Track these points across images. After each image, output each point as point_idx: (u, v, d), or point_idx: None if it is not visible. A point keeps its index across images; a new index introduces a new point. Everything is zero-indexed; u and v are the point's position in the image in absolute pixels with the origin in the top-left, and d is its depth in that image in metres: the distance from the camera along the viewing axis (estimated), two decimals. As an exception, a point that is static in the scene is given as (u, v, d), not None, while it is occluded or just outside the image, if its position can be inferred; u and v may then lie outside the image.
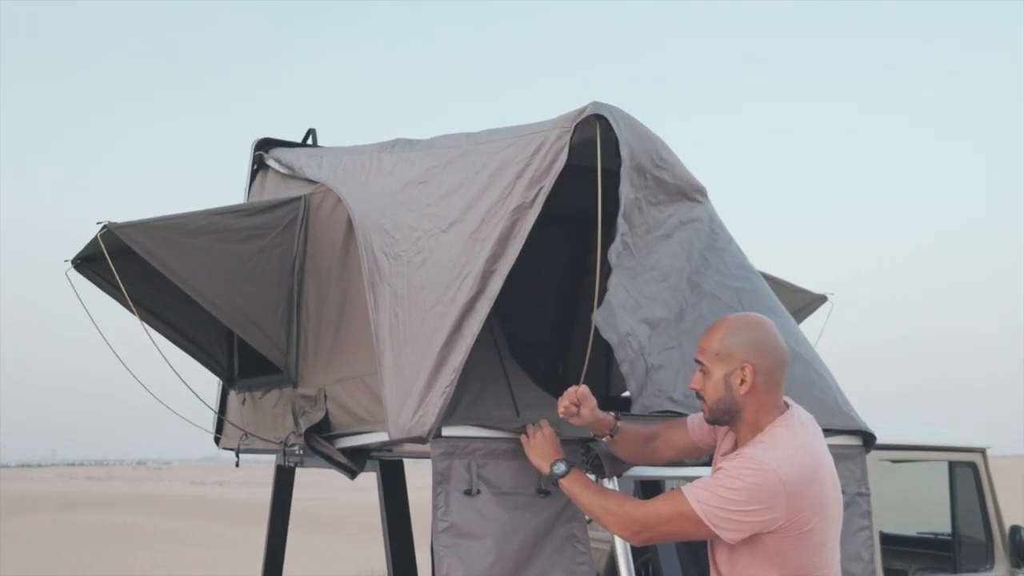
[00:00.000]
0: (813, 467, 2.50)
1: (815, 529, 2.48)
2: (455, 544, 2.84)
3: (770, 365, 2.57)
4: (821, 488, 2.50)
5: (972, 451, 5.10)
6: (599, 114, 2.93)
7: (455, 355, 2.89)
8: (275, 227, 3.82)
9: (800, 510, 2.44)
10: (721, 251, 3.67)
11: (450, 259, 3.07)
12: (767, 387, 2.57)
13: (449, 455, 2.89)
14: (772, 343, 2.61)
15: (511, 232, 2.92)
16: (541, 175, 2.92)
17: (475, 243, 3.00)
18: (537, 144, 2.97)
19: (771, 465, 2.43)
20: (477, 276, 2.91)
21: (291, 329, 3.84)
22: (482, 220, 3.01)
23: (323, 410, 3.61)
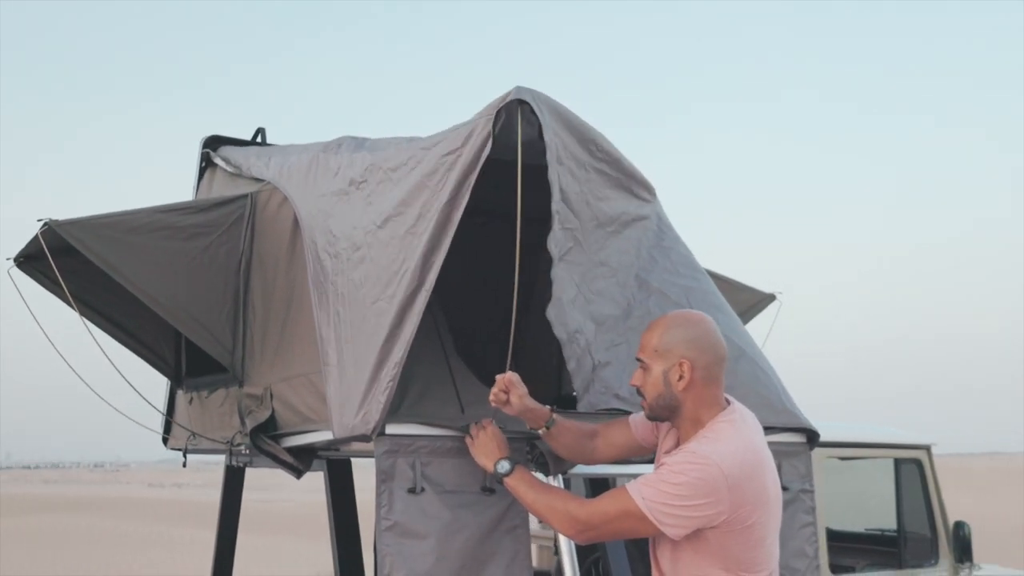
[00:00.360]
0: (755, 462, 2.53)
1: (756, 524, 2.50)
2: (398, 543, 2.83)
3: (708, 361, 2.59)
4: (763, 483, 2.52)
5: (917, 448, 5.17)
6: (522, 99, 2.90)
7: (396, 351, 2.87)
8: (221, 225, 3.78)
9: (742, 504, 2.46)
10: (668, 249, 3.70)
11: (388, 255, 3.05)
12: (706, 383, 2.59)
13: (393, 453, 2.88)
14: (710, 339, 2.63)
15: (445, 225, 2.90)
16: (471, 165, 2.89)
17: (412, 237, 2.98)
18: (466, 134, 2.95)
19: (714, 459, 2.45)
20: (415, 270, 2.90)
21: (237, 328, 3.81)
22: (419, 215, 2.99)
23: (269, 409, 3.59)
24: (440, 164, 3.00)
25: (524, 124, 2.89)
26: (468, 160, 2.90)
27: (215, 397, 4.04)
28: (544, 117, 2.97)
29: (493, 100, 2.94)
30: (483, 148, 2.88)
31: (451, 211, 2.91)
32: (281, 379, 3.56)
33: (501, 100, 2.90)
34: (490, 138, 2.86)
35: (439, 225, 2.91)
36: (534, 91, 2.97)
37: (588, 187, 3.27)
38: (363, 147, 3.62)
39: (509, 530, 2.99)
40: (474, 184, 2.93)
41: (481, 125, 2.90)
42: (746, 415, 2.65)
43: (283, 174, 3.83)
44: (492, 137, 2.85)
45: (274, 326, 3.68)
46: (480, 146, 2.88)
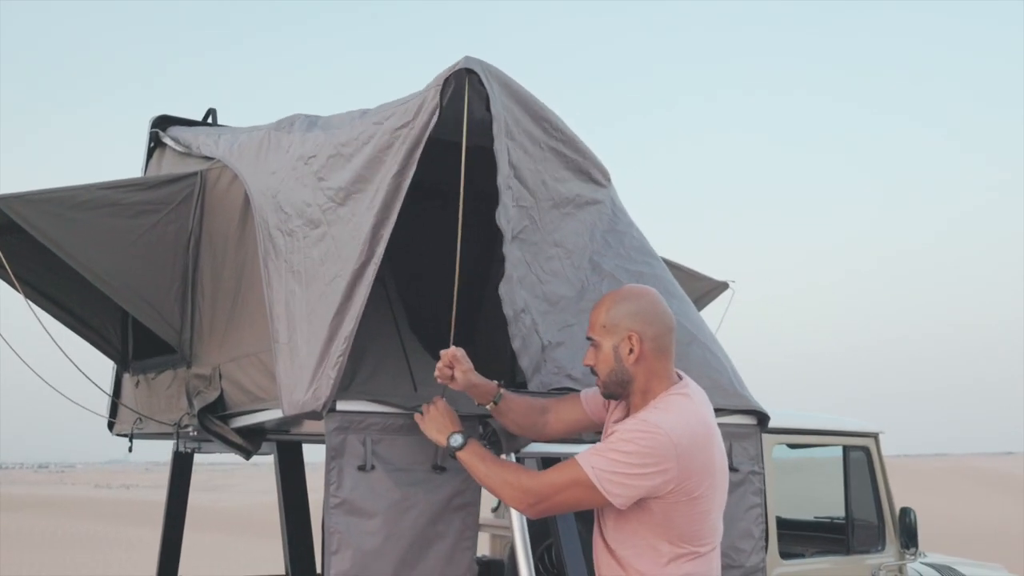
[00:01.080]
0: (705, 435, 2.54)
1: (702, 497, 2.51)
2: (346, 520, 2.79)
3: (657, 332, 2.60)
4: (711, 456, 2.53)
5: (865, 436, 5.23)
6: (470, 68, 2.87)
7: (346, 324, 2.83)
8: (169, 202, 3.71)
9: (690, 475, 2.47)
10: (622, 234, 3.71)
11: (349, 232, 3.02)
12: (656, 354, 2.60)
13: (343, 430, 2.84)
14: (656, 310, 2.64)
15: (393, 196, 2.87)
16: (418, 138, 2.86)
17: (369, 212, 2.95)
18: (417, 106, 2.92)
19: (664, 428, 2.45)
20: (364, 243, 2.87)
21: (186, 307, 3.75)
22: (375, 190, 2.96)
23: (218, 389, 3.53)
24: (394, 138, 2.96)
25: (472, 94, 2.85)
26: (416, 132, 2.87)
27: (162, 379, 3.97)
28: (492, 88, 2.94)
29: (442, 70, 2.91)
30: (430, 120, 2.84)
31: (399, 183, 2.88)
32: (230, 359, 3.51)
33: (449, 70, 2.87)
34: (438, 109, 2.82)
35: (387, 197, 2.88)
36: (484, 63, 2.94)
37: (543, 166, 3.26)
38: (316, 125, 3.57)
39: (459, 508, 2.97)
40: (433, 165, 2.91)
41: (430, 96, 2.86)
42: (697, 390, 2.66)
43: (233, 152, 3.77)
44: (440, 108, 2.82)
45: (223, 305, 3.62)
46: (427, 119, 2.85)
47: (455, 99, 2.85)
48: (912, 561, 5.24)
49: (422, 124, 2.86)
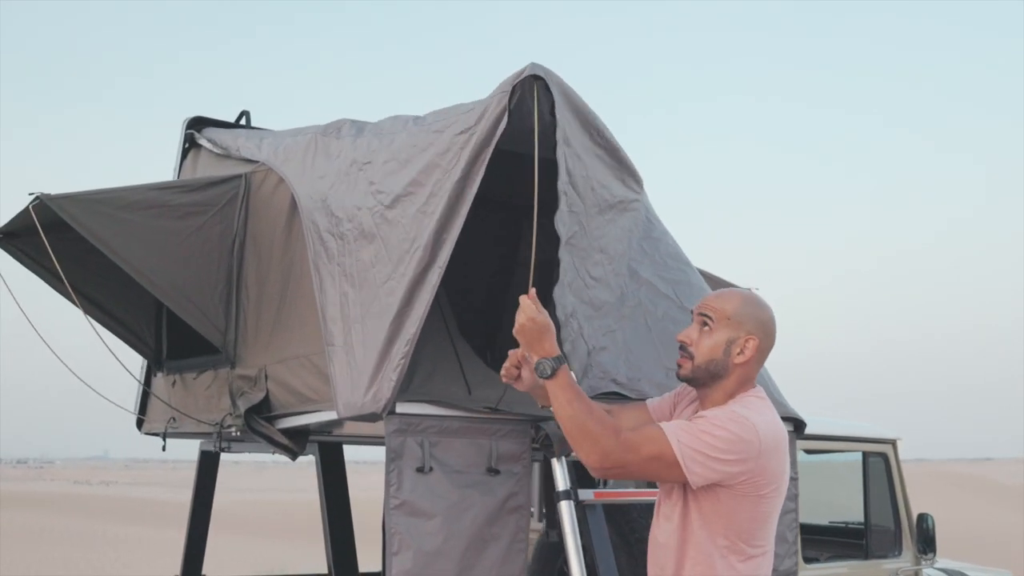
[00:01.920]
0: (781, 439, 2.61)
1: (766, 497, 2.57)
2: (407, 521, 2.84)
3: (768, 346, 2.69)
4: (782, 461, 2.60)
5: (884, 442, 5.31)
6: (536, 75, 2.95)
7: (408, 327, 2.89)
8: (215, 204, 3.75)
9: (763, 473, 2.53)
10: (657, 241, 3.76)
11: (399, 234, 3.07)
12: (757, 364, 2.68)
13: (403, 432, 2.89)
14: (774, 327, 2.72)
15: (457, 202, 2.93)
16: (484, 141, 2.92)
17: (423, 217, 3.00)
18: (480, 112, 2.98)
19: (752, 422, 2.52)
20: (427, 247, 2.92)
21: (230, 308, 3.78)
22: (430, 195, 3.01)
23: (263, 390, 3.56)
24: (453, 143, 3.02)
25: (538, 102, 2.92)
26: (482, 136, 2.93)
27: (203, 379, 3.99)
28: (556, 94, 3.02)
29: (507, 77, 2.98)
30: (498, 123, 2.91)
31: (463, 188, 2.94)
32: (277, 360, 3.54)
33: (516, 76, 2.94)
34: (506, 113, 2.89)
35: (451, 202, 2.94)
36: (546, 69, 3.01)
37: (591, 172, 3.32)
38: (364, 132, 3.62)
39: (513, 510, 3.02)
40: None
41: (496, 101, 2.93)
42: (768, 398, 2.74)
43: (278, 155, 3.81)
44: (508, 112, 2.89)
45: (269, 307, 3.66)
46: (495, 121, 2.91)
47: (517, 106, 2.91)
48: (928, 566, 5.32)
49: (486, 129, 2.92)
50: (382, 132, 3.57)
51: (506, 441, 3.04)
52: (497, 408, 3.04)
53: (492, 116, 2.92)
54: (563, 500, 3.07)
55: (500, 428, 3.04)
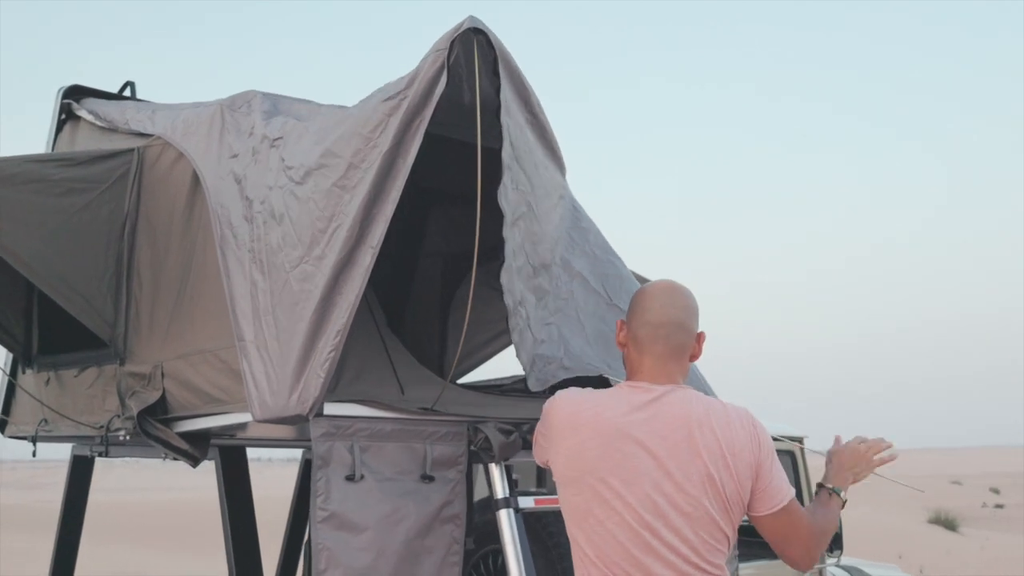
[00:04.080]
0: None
1: None
2: (335, 536, 2.55)
3: (635, 327, 2.55)
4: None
5: (792, 440, 5.29)
6: (477, 27, 2.63)
7: (336, 317, 2.58)
8: (103, 181, 3.34)
9: None
10: (585, 231, 3.57)
11: (310, 212, 2.73)
12: (633, 347, 2.56)
13: (331, 436, 2.60)
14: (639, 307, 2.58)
15: (388, 174, 2.62)
16: (419, 105, 2.61)
17: (343, 191, 2.67)
18: (411, 77, 2.67)
19: None
20: (353, 225, 2.60)
21: (119, 298, 3.37)
22: (348, 166, 2.68)
23: (159, 389, 3.19)
24: (376, 111, 2.69)
25: (479, 61, 2.61)
26: (416, 100, 2.61)
27: (84, 377, 3.57)
28: (501, 50, 2.71)
29: (441, 36, 2.65)
30: (435, 84, 2.59)
31: (395, 159, 2.62)
32: (176, 355, 3.17)
33: (453, 31, 2.61)
34: (444, 70, 2.57)
35: (380, 176, 2.62)
36: (485, 24, 2.68)
37: (532, 149, 3.07)
38: (278, 107, 3.27)
39: (448, 519, 2.76)
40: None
41: (431, 60, 2.61)
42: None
43: (176, 129, 3.43)
44: (447, 68, 2.57)
45: (166, 297, 3.28)
46: (430, 82, 2.59)
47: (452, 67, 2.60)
48: (832, 564, 5.33)
49: (421, 91, 2.60)
50: (296, 108, 3.25)
51: (441, 445, 2.78)
52: (433, 408, 2.77)
53: (427, 77, 2.60)
54: (502, 508, 2.84)
55: (436, 431, 2.78)
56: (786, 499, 2.39)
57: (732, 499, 2.35)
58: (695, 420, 2.38)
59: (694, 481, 2.33)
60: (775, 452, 2.44)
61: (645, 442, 2.35)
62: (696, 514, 2.32)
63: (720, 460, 2.35)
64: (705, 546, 2.33)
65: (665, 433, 2.37)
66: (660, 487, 2.33)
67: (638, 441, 2.36)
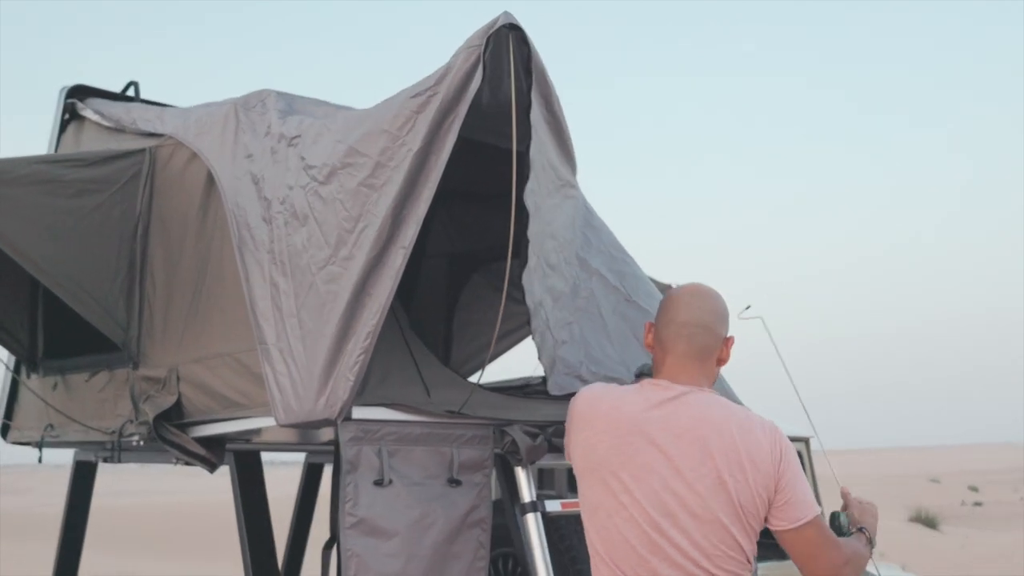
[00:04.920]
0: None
1: None
2: (364, 541, 2.51)
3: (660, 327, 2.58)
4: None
5: (796, 440, 5.26)
6: (513, 24, 2.58)
7: (365, 319, 2.53)
8: (114, 182, 3.28)
9: None
10: (598, 230, 3.56)
11: (337, 212, 2.68)
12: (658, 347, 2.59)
13: (359, 440, 2.55)
14: (664, 311, 2.61)
15: (420, 172, 2.57)
16: (452, 101, 2.56)
17: (371, 191, 2.62)
18: (442, 72, 2.62)
19: None
20: (382, 226, 2.55)
21: (132, 300, 3.31)
22: (376, 165, 2.63)
23: (175, 394, 3.14)
24: (404, 108, 2.63)
25: (514, 58, 2.58)
26: (448, 96, 2.56)
27: (96, 381, 3.51)
28: (534, 48, 2.68)
29: (475, 32, 2.61)
30: (469, 80, 2.54)
31: (427, 158, 2.57)
32: (192, 359, 3.12)
33: (489, 26, 2.57)
34: (480, 65, 2.53)
35: (411, 175, 2.57)
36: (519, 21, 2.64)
37: (544, 147, 3.04)
38: (294, 106, 3.22)
39: (475, 524, 2.73)
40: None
41: (464, 56, 2.57)
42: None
43: (189, 128, 3.37)
44: (483, 63, 2.53)
45: (181, 299, 3.22)
46: (464, 78, 2.55)
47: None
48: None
49: (454, 88, 2.55)
50: (311, 108, 3.20)
51: (468, 448, 2.74)
52: (460, 412, 2.73)
53: (460, 73, 2.55)
54: (529, 512, 2.80)
55: (463, 434, 2.74)
56: (810, 515, 2.36)
57: (747, 508, 2.32)
58: (713, 423, 2.37)
59: (705, 483, 2.31)
60: (801, 468, 2.41)
61: (657, 439, 2.35)
62: (706, 516, 2.31)
63: (736, 466, 2.32)
64: (716, 551, 2.31)
65: (679, 432, 2.36)
66: (669, 485, 2.33)
67: (651, 437, 2.36)
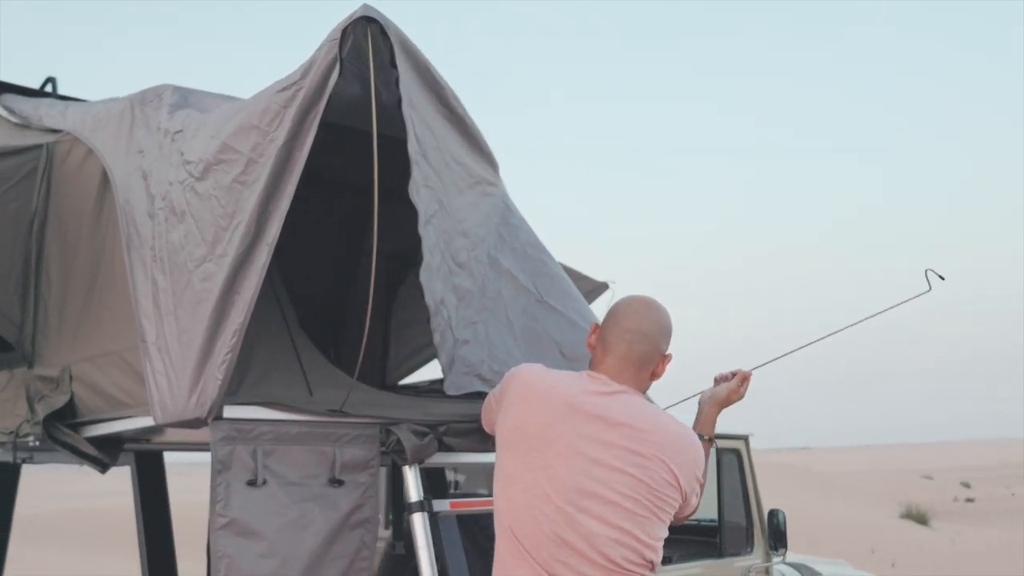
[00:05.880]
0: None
1: None
2: (235, 543, 2.46)
3: (605, 329, 2.68)
4: None
5: (736, 438, 5.24)
6: (370, 16, 2.55)
7: (233, 316, 2.49)
8: (9, 178, 3.22)
9: None
10: (516, 228, 3.52)
11: (212, 209, 2.64)
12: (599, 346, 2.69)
13: (231, 440, 2.51)
14: (610, 315, 2.70)
15: (285, 168, 2.53)
16: (313, 97, 2.52)
17: (243, 187, 2.58)
18: (306, 66, 2.58)
19: None
20: (250, 222, 2.51)
21: (27, 299, 3.26)
22: (248, 162, 2.59)
23: (67, 393, 3.08)
24: (272, 102, 2.59)
25: (374, 50, 2.54)
26: (310, 91, 2.51)
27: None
28: (396, 46, 2.63)
29: (335, 26, 2.56)
30: (329, 75, 2.50)
31: (291, 152, 2.53)
32: (84, 358, 3.07)
33: (347, 20, 2.52)
34: (337, 61, 2.49)
35: (276, 170, 2.52)
36: (381, 12, 2.60)
37: (443, 144, 2.99)
38: (188, 103, 3.17)
39: (357, 524, 2.68)
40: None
41: (325, 50, 2.52)
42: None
43: (87, 124, 3.31)
44: (340, 60, 2.49)
45: (75, 297, 3.17)
46: (324, 72, 2.50)
47: (351, 59, 2.53)
48: (779, 562, 5.28)
49: (315, 83, 2.51)
50: (205, 102, 3.15)
51: (352, 448, 2.69)
52: (342, 410, 2.69)
53: (322, 67, 2.51)
54: (416, 512, 2.76)
55: (346, 433, 2.70)
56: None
57: (664, 502, 2.47)
58: (645, 421, 2.50)
59: (628, 474, 2.42)
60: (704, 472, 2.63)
61: (589, 425, 2.46)
62: (623, 505, 2.41)
63: (660, 464, 2.46)
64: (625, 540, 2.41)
65: (612, 423, 2.47)
66: (591, 471, 2.42)
67: (584, 422, 2.47)
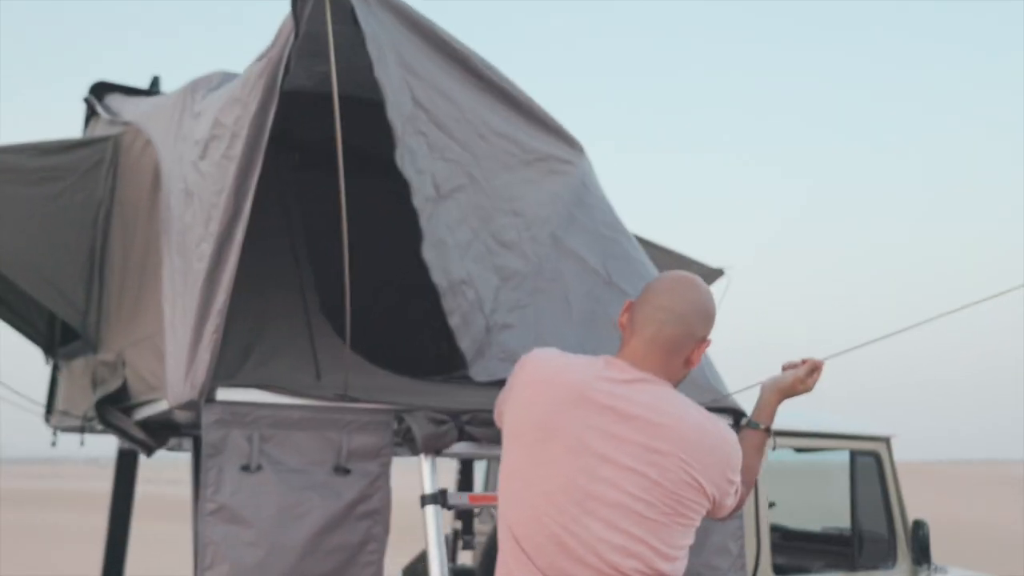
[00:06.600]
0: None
1: None
2: (223, 529, 2.38)
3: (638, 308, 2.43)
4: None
5: (876, 440, 4.72)
6: None
7: (218, 296, 2.43)
8: (76, 169, 3.33)
9: None
10: (591, 208, 3.30)
11: (208, 187, 2.60)
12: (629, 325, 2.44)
13: (225, 424, 2.44)
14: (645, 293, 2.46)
15: (256, 138, 2.43)
16: (276, 63, 2.42)
17: (229, 162, 2.52)
18: (276, 35, 2.50)
19: None
20: (228, 198, 2.43)
21: (92, 287, 3.36)
22: (232, 135, 2.53)
23: (121, 378, 3.14)
24: (250, 72, 2.54)
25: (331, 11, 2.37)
26: (274, 58, 2.43)
27: (76, 366, 3.61)
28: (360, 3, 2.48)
29: None
30: (287, 41, 2.40)
31: (262, 122, 2.44)
32: (132, 343, 3.12)
33: None
34: (291, 25, 2.38)
35: (249, 142, 2.44)
36: None
37: (474, 114, 2.81)
38: (225, 86, 3.17)
39: (363, 516, 2.53)
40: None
41: (287, 19, 2.44)
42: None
43: (148, 114, 3.39)
44: (296, 26, 2.37)
45: (132, 284, 3.23)
46: (285, 39, 2.41)
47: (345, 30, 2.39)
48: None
49: (277, 50, 2.43)
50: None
51: (360, 435, 2.56)
52: (347, 395, 2.56)
53: (284, 34, 2.43)
54: (428, 504, 2.59)
55: (354, 419, 2.57)
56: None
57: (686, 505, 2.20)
58: (665, 415, 2.21)
59: (640, 475, 2.15)
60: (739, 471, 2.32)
61: (600, 417, 2.18)
62: (633, 508, 2.15)
63: (680, 464, 2.17)
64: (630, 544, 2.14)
65: (626, 416, 2.19)
66: (598, 470, 2.16)
67: (594, 414, 2.19)
